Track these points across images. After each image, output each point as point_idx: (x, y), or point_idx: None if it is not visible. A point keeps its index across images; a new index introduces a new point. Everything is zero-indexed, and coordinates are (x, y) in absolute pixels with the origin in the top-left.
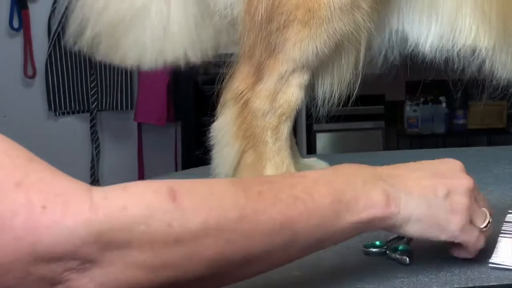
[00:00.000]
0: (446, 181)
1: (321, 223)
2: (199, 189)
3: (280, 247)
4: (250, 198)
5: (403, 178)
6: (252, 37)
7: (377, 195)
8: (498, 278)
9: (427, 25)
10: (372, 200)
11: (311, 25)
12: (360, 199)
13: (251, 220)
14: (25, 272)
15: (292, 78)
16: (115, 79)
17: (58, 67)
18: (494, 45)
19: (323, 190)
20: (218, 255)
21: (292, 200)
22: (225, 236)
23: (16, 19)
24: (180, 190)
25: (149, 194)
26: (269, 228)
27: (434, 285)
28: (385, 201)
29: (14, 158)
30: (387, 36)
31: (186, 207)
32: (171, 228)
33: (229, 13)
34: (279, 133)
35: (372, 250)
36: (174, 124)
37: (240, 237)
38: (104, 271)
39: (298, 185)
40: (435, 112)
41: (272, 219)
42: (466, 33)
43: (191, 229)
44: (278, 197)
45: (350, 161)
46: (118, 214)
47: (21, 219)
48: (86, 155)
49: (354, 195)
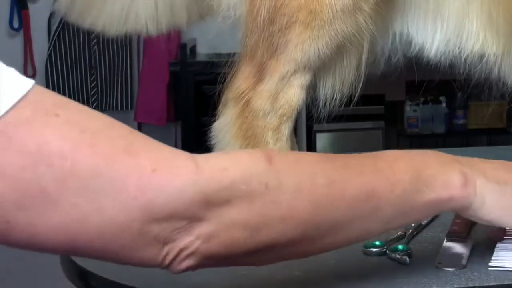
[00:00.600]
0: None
1: (403, 196)
2: (291, 156)
3: (365, 216)
4: (337, 167)
5: (480, 164)
6: (254, 37)
7: (455, 175)
8: (498, 278)
9: (433, 29)
10: (450, 180)
11: (313, 27)
12: (438, 178)
13: (338, 187)
14: (139, 231)
15: (294, 79)
16: (115, 79)
17: (58, 67)
18: (503, 51)
19: (403, 166)
20: (309, 218)
21: (375, 172)
22: (315, 199)
23: (16, 19)
24: (274, 155)
25: (247, 157)
26: (355, 196)
27: (434, 285)
28: (463, 182)
29: (117, 129)
30: (390, 39)
31: (280, 169)
32: (268, 189)
33: (232, 14)
34: (280, 133)
35: (372, 250)
36: (174, 124)
37: (328, 202)
38: (208, 229)
39: (379, 160)
40: (435, 112)
41: (358, 187)
42: (473, 38)
43: (285, 191)
44: (362, 169)
45: None
46: (220, 175)
47: (134, 180)
48: None
49: (433, 173)
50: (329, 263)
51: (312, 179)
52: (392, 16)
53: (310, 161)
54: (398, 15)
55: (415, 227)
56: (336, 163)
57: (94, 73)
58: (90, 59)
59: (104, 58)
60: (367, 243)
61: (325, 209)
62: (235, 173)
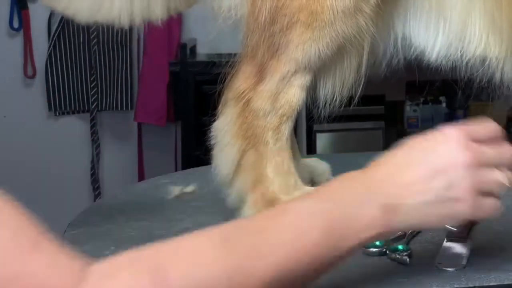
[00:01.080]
0: (441, 172)
1: (316, 260)
2: (185, 268)
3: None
4: (235, 259)
5: (397, 183)
6: (255, 38)
7: (374, 213)
8: (498, 278)
9: (434, 32)
10: (370, 220)
11: (314, 28)
12: (356, 223)
13: (240, 282)
14: None
15: (294, 79)
16: (115, 79)
17: (58, 67)
18: (505, 55)
19: (312, 225)
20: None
21: (279, 247)
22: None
23: (16, 19)
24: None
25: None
26: (262, 284)
27: (434, 285)
28: (382, 217)
29: (17, 246)
30: (392, 42)
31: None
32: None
33: (233, 14)
34: (280, 133)
35: (372, 250)
36: (174, 124)
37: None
38: None
39: (283, 227)
40: (435, 112)
41: (263, 275)
42: (476, 42)
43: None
44: (261, 251)
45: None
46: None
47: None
48: (86, 155)
49: (348, 222)
50: None
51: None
52: (393, 18)
53: (205, 264)
54: (399, 18)
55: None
56: (235, 254)
57: (94, 73)
58: (90, 59)
59: (104, 58)
60: (367, 243)
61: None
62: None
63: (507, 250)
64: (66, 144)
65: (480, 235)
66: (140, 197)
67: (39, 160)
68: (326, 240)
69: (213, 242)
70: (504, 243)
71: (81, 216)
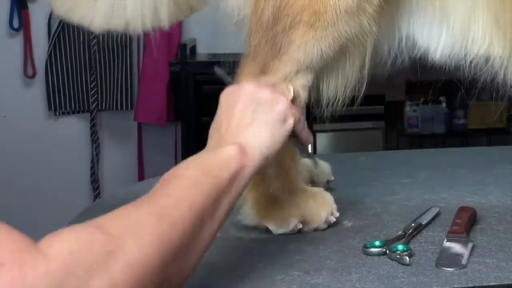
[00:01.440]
0: (243, 103)
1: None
2: (119, 218)
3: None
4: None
5: (231, 130)
6: (258, 37)
7: (228, 151)
8: (498, 278)
9: (438, 32)
10: (228, 157)
11: (317, 28)
12: (220, 159)
13: (166, 220)
14: None
15: (296, 79)
16: (115, 79)
17: (58, 67)
18: (509, 54)
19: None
20: (164, 248)
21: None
22: (157, 233)
23: (16, 19)
24: (105, 223)
25: (85, 233)
26: (183, 215)
27: (434, 285)
28: (237, 152)
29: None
30: (396, 42)
31: (116, 234)
32: (115, 254)
33: (236, 14)
34: None
35: (372, 250)
36: (174, 124)
37: (169, 227)
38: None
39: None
40: (435, 112)
41: (180, 218)
42: (479, 41)
43: (129, 248)
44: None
45: (350, 161)
46: (70, 259)
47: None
48: (86, 155)
49: (215, 161)
50: (329, 263)
51: (144, 225)
52: (397, 19)
53: (134, 218)
54: (403, 18)
55: (415, 227)
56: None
57: (94, 73)
58: (90, 59)
59: (104, 58)
60: (367, 243)
61: (169, 235)
62: (81, 252)
63: (507, 250)
64: (66, 144)
65: (480, 235)
66: (140, 197)
67: (39, 160)
68: (207, 177)
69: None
70: (504, 243)
71: (81, 216)
